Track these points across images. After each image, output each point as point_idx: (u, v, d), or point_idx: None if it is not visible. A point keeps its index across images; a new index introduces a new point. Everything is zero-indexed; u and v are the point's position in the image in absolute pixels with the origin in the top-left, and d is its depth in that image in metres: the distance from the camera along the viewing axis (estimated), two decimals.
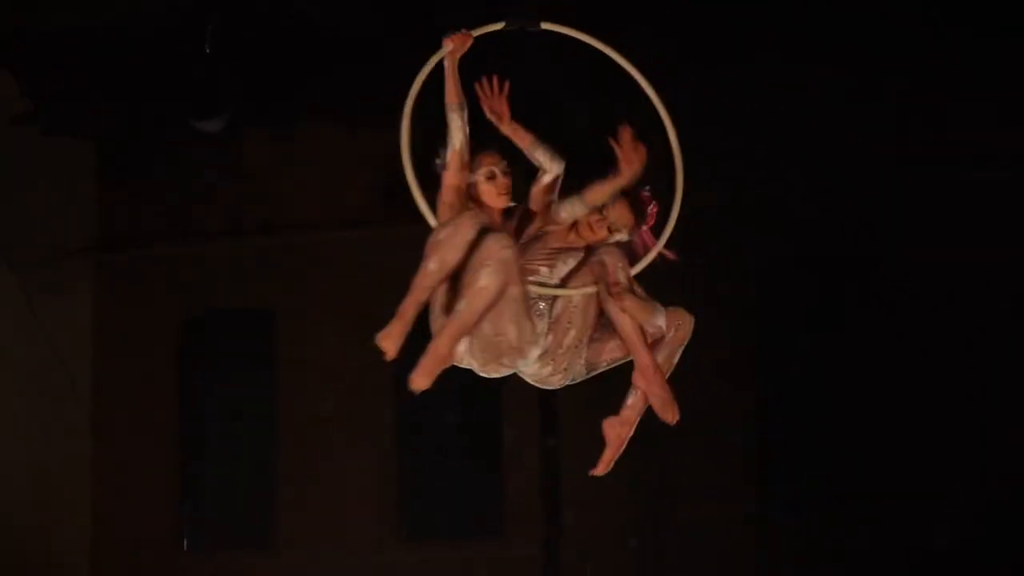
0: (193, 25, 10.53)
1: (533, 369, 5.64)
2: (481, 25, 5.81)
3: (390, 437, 12.78)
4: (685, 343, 5.72)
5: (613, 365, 5.76)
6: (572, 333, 5.58)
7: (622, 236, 5.70)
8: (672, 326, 5.64)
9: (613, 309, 5.56)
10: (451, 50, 5.72)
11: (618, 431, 5.86)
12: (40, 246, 13.02)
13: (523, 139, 5.77)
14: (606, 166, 5.63)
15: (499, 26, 5.79)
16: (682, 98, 5.98)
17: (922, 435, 11.27)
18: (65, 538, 13.16)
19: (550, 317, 5.58)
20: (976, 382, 11.21)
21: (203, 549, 13.29)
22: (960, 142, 11.15)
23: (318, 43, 11.21)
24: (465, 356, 5.49)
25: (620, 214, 5.67)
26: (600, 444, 12.07)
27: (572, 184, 5.75)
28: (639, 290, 5.61)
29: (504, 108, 5.76)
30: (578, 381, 5.77)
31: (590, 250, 5.68)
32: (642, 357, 5.60)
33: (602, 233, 5.68)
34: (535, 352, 5.57)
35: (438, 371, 5.30)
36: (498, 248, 5.24)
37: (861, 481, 11.38)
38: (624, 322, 5.56)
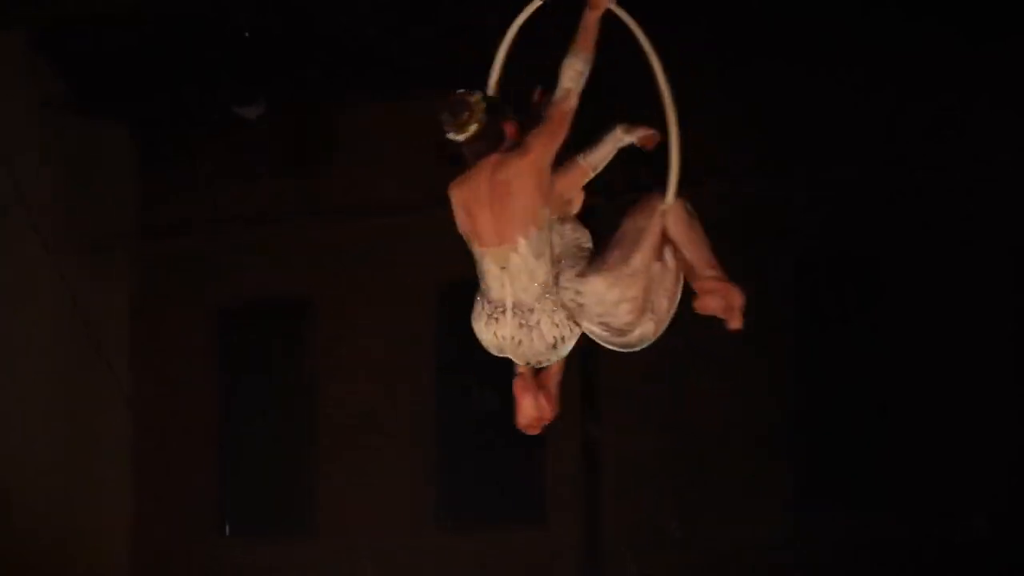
0: (230, 10, 10.55)
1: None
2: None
3: (430, 423, 12.77)
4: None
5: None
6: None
7: None
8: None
9: None
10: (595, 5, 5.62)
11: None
12: (80, 234, 13.05)
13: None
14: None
15: (539, 2, 5.75)
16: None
17: (924, 435, 11.23)
18: (106, 523, 13.21)
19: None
20: (976, 382, 11.17)
21: (243, 535, 13.32)
22: (959, 143, 11.09)
23: (359, 27, 11.22)
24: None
25: None
26: (638, 431, 12.00)
27: None
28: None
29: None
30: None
31: None
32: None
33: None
34: None
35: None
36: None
37: (880, 474, 11.36)
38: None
